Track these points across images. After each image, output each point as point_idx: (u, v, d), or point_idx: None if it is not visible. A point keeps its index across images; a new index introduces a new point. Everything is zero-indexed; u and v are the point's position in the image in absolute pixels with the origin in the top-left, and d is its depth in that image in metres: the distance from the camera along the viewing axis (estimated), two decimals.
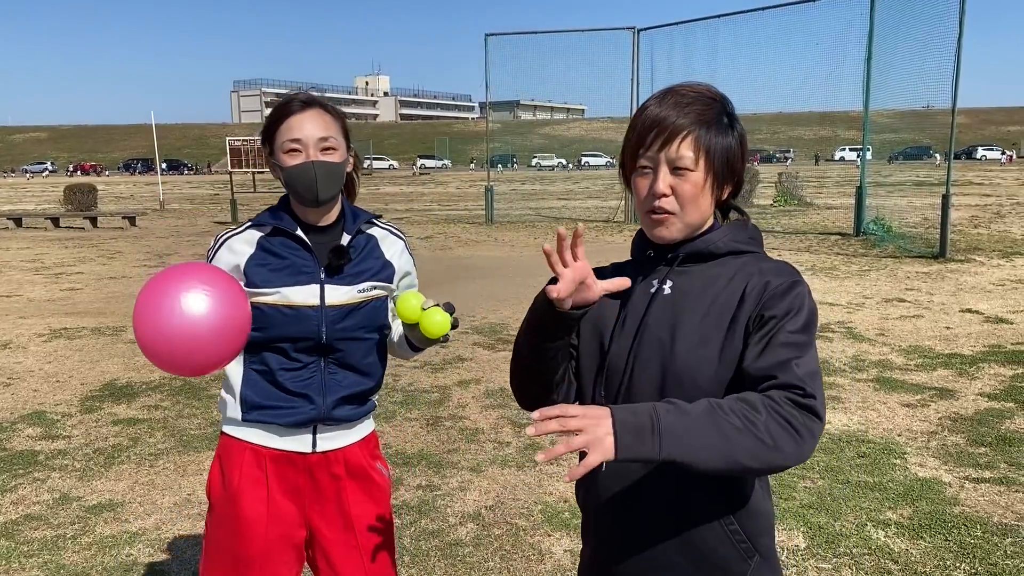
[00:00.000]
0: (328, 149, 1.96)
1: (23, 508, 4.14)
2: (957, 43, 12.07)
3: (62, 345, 7.69)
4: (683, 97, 1.46)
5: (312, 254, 2.02)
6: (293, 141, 1.94)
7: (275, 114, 1.99)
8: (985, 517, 3.86)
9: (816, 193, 28.80)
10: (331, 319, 2.00)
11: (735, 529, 1.46)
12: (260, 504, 2.04)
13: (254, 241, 2.03)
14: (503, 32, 21.28)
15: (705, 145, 1.45)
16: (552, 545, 3.69)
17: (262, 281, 1.98)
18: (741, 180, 1.53)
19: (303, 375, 2.02)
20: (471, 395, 5.93)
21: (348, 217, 2.09)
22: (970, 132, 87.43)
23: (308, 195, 1.96)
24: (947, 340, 7.32)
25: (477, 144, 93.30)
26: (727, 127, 1.48)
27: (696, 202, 1.47)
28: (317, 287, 2.00)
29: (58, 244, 17.38)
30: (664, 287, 1.51)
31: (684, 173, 1.45)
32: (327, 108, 2.01)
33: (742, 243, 1.52)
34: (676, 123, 1.44)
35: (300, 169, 1.94)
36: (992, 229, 16.52)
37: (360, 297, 2.04)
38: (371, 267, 2.08)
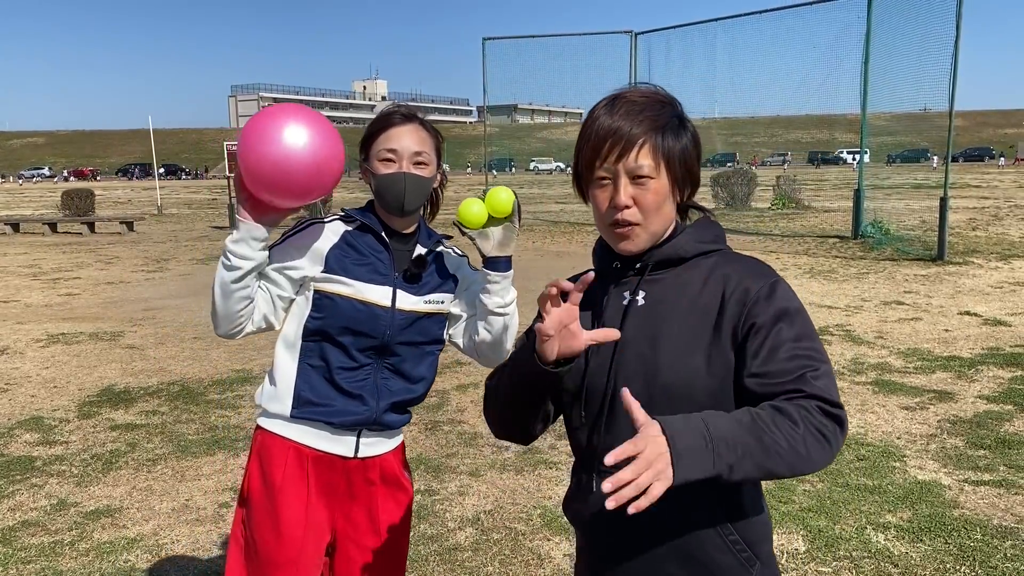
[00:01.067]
0: (420, 164, 2.05)
1: (20, 514, 4.13)
2: (954, 46, 12.10)
3: (60, 350, 7.67)
4: (634, 104, 1.43)
5: (392, 256, 2.08)
6: (389, 151, 2.02)
7: (376, 124, 2.07)
8: (985, 520, 3.85)
9: (814, 196, 28.83)
10: (398, 323, 2.06)
11: (735, 539, 1.43)
12: (300, 505, 2.06)
13: (339, 232, 2.08)
14: (501, 36, 21.27)
15: (664, 151, 1.42)
16: (551, 549, 3.68)
17: (341, 269, 2.03)
18: (698, 180, 1.51)
19: (359, 375, 2.06)
20: (469, 399, 5.92)
21: (423, 232, 2.17)
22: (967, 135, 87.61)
23: (395, 203, 2.04)
24: (946, 343, 7.32)
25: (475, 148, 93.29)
26: (680, 129, 1.45)
27: (660, 210, 1.44)
28: (390, 289, 2.06)
29: (56, 249, 17.35)
30: (637, 298, 1.47)
31: (645, 182, 1.41)
32: (425, 125, 2.09)
33: (708, 243, 1.50)
34: (632, 131, 1.40)
35: (392, 179, 2.02)
36: (990, 231, 16.53)
37: (426, 308, 2.11)
38: (437, 280, 2.16)
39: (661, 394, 1.40)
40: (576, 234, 18.98)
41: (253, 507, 2.09)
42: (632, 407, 1.24)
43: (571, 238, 18.09)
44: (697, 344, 1.41)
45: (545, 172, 76.86)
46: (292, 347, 2.08)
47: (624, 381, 1.43)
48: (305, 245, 2.05)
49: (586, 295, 1.52)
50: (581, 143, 1.46)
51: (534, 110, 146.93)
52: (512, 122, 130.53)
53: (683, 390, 1.39)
